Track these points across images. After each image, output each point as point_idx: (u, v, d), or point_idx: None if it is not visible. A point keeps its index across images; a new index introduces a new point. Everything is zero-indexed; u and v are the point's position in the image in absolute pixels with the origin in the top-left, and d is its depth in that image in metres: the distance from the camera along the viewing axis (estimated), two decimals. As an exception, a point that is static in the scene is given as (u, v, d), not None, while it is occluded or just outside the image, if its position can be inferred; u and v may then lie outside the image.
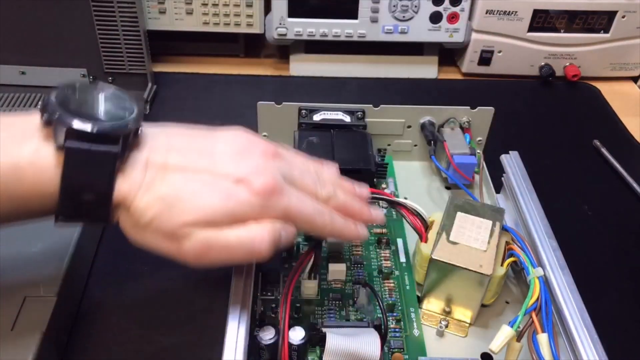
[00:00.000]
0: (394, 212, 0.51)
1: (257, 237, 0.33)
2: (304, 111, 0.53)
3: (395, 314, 0.42)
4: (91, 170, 0.32)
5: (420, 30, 0.71)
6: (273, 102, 0.53)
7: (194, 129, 0.37)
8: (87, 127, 0.31)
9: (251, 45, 0.77)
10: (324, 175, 0.39)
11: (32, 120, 0.32)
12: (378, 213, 0.41)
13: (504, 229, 0.43)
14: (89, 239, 0.46)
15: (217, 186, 0.33)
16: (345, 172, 0.48)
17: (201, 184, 0.33)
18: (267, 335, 0.36)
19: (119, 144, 0.32)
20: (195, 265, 0.34)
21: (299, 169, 0.37)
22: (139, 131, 0.34)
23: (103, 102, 0.34)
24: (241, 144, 0.36)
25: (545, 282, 0.39)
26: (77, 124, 0.31)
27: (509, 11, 0.70)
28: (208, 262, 0.34)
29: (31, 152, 0.31)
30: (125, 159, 0.33)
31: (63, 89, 0.33)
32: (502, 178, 0.50)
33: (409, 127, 0.55)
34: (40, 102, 0.32)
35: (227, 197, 0.33)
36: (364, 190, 0.41)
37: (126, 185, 0.32)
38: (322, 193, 0.37)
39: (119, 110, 0.34)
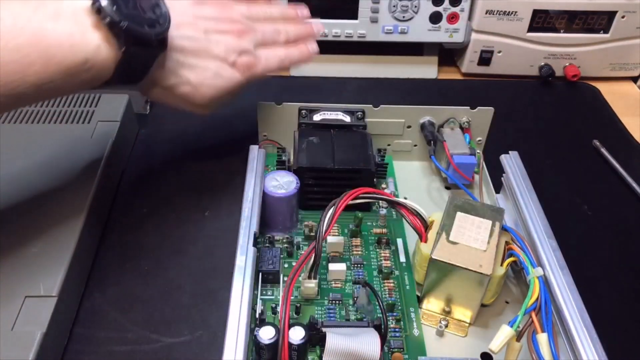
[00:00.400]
0: (394, 212, 0.51)
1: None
2: (304, 111, 0.53)
3: (395, 313, 0.42)
4: (140, 64, 0.39)
5: (420, 31, 0.71)
6: (273, 102, 0.53)
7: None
8: (148, 35, 0.37)
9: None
10: (276, 17, 0.50)
11: (80, 14, 0.35)
12: (317, 24, 0.54)
13: (504, 228, 0.43)
14: (90, 239, 0.46)
15: (221, 71, 0.44)
16: (345, 172, 0.48)
17: (212, 72, 0.44)
18: (267, 335, 0.36)
19: (163, 46, 0.40)
20: (210, 104, 0.46)
21: (262, 33, 0.47)
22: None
23: (151, 6, 0.39)
24: (227, 23, 0.46)
25: (545, 282, 0.39)
26: (139, 34, 0.37)
27: (509, 11, 0.70)
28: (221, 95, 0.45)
29: (96, 47, 0.36)
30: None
31: None
32: (502, 178, 0.50)
33: (409, 127, 0.55)
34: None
35: (229, 79, 0.45)
36: (301, 9, 0.53)
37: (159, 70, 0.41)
38: (280, 40, 0.49)
39: (157, 10, 0.39)
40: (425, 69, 0.75)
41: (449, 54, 0.78)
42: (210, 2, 0.46)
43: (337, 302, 0.43)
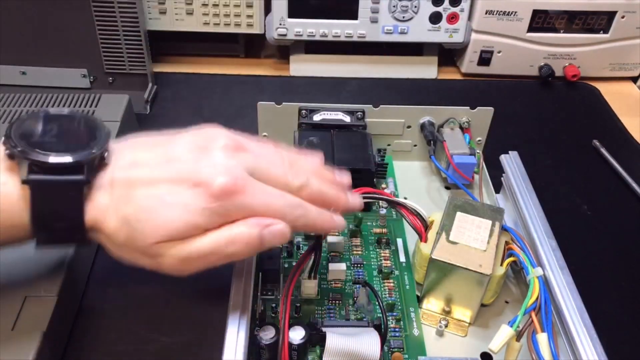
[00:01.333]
0: (393, 212, 0.51)
1: (229, 240, 0.32)
2: (304, 111, 0.53)
3: (395, 313, 0.42)
4: (59, 201, 0.32)
5: (420, 31, 0.71)
6: (273, 103, 0.53)
7: (160, 135, 0.36)
8: (49, 159, 0.31)
9: (251, 45, 0.78)
10: (299, 163, 0.37)
11: None
12: (355, 198, 0.39)
13: (504, 228, 0.43)
14: (89, 239, 0.46)
15: (176, 197, 0.32)
16: (345, 172, 0.48)
17: (159, 199, 0.32)
18: (267, 335, 0.36)
19: (84, 172, 0.32)
20: (181, 275, 0.34)
21: (266, 159, 0.35)
22: (105, 152, 0.34)
23: (68, 130, 0.34)
24: (201, 142, 0.34)
25: (544, 281, 0.39)
26: (39, 157, 0.31)
27: (509, 11, 0.70)
28: (192, 271, 0.34)
29: (3, 184, 0.31)
30: (92, 184, 0.33)
31: (26, 120, 0.33)
32: (502, 178, 0.50)
33: (409, 127, 0.55)
34: (4, 134, 0.32)
35: (185, 209, 0.32)
36: (344, 177, 0.39)
37: (94, 210, 0.32)
38: (293, 182, 0.35)
39: (85, 136, 0.33)
40: (425, 69, 0.75)
41: (449, 54, 0.78)
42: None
43: (337, 302, 0.43)
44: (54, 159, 0.31)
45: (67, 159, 0.32)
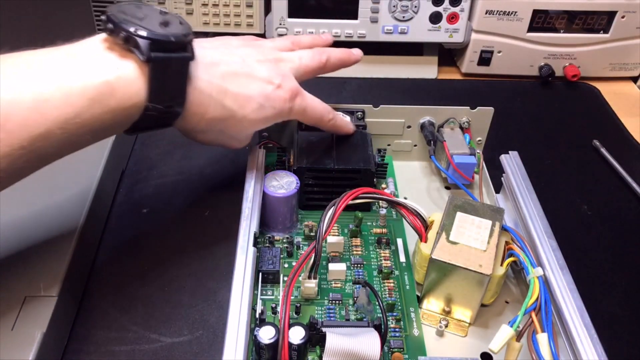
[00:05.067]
0: (394, 212, 0.51)
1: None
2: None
3: (395, 313, 0.42)
4: (171, 79, 0.36)
5: (420, 31, 0.71)
6: (273, 102, 0.53)
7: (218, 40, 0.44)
8: (165, 35, 0.35)
9: (251, 45, 0.77)
10: (302, 41, 0.49)
11: (92, 44, 0.35)
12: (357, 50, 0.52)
13: (504, 228, 0.43)
14: (89, 239, 0.46)
15: (269, 96, 0.42)
16: (345, 172, 0.48)
17: (258, 95, 0.42)
18: (267, 335, 0.36)
19: (189, 50, 0.37)
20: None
21: (299, 57, 0.47)
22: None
23: (158, 15, 0.37)
24: (261, 54, 0.44)
25: (544, 281, 0.39)
26: (157, 34, 0.34)
27: (509, 11, 0.70)
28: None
29: (116, 69, 0.34)
30: (194, 63, 0.38)
31: (119, 9, 0.35)
32: (502, 178, 0.50)
33: (409, 127, 0.55)
34: (105, 23, 0.35)
35: (274, 107, 0.43)
36: (325, 35, 0.53)
37: (196, 92, 0.38)
38: (322, 59, 0.48)
39: (173, 20, 0.37)
40: (425, 69, 0.75)
41: (449, 54, 0.78)
42: (238, 41, 0.45)
43: (337, 302, 0.43)
44: (170, 36, 0.35)
45: (178, 35, 0.35)
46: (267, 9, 0.70)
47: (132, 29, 0.34)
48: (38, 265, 0.40)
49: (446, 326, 0.42)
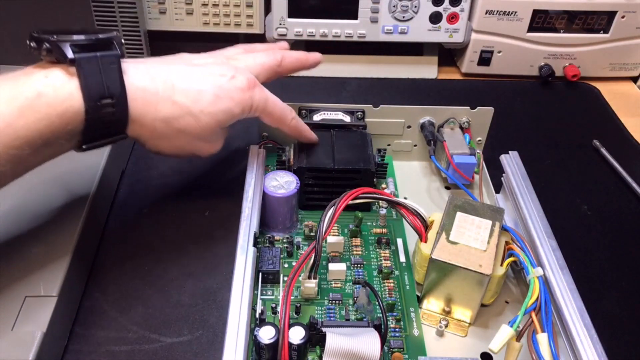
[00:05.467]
0: (394, 212, 0.51)
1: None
2: (304, 111, 0.53)
3: (395, 313, 0.42)
4: (103, 74, 0.35)
5: (420, 31, 0.71)
6: (273, 102, 0.53)
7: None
8: (88, 37, 0.35)
9: (251, 45, 0.77)
10: (256, 48, 0.50)
11: (23, 69, 0.36)
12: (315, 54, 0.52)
13: (504, 228, 0.43)
14: (89, 239, 0.46)
15: (225, 87, 0.41)
16: (345, 172, 0.48)
17: (216, 89, 0.41)
18: (267, 335, 0.36)
19: (116, 49, 0.36)
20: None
21: (253, 57, 0.47)
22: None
23: (78, 28, 0.37)
24: (212, 57, 0.46)
25: (544, 281, 0.39)
26: (78, 37, 0.35)
27: (509, 11, 0.70)
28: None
29: (44, 77, 0.34)
30: (127, 64, 0.37)
31: (40, 30, 0.36)
32: (502, 178, 0.50)
33: (409, 127, 0.55)
34: (28, 43, 0.36)
35: (232, 99, 0.41)
36: (282, 43, 0.53)
37: (141, 92, 0.38)
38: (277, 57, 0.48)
39: (97, 30, 0.37)
40: (425, 69, 0.75)
41: (449, 54, 0.78)
42: (189, 54, 0.46)
43: (337, 302, 0.43)
44: (90, 37, 0.35)
45: (99, 36, 0.36)
46: (267, 9, 0.70)
47: (53, 38, 0.34)
48: (38, 265, 0.40)
49: (446, 326, 0.42)
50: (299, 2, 0.69)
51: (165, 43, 0.73)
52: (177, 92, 0.39)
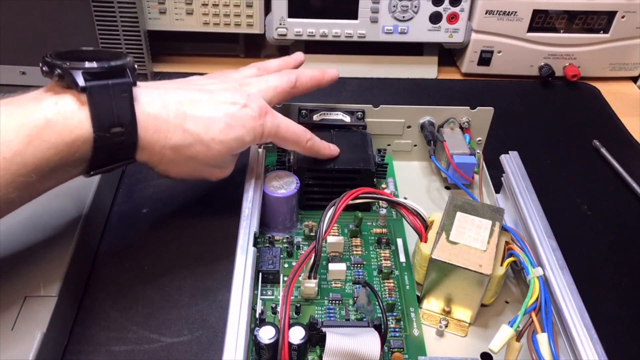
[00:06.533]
0: (394, 212, 0.51)
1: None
2: (304, 111, 0.53)
3: (395, 313, 0.42)
4: (114, 103, 0.35)
5: (420, 31, 0.71)
6: (273, 102, 0.53)
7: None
8: (100, 65, 0.35)
9: (251, 45, 0.78)
10: (270, 66, 0.49)
11: (33, 93, 0.35)
12: (332, 70, 0.50)
13: (504, 228, 0.43)
14: (89, 239, 0.46)
15: (237, 116, 0.41)
16: (345, 172, 0.48)
17: (226, 117, 0.40)
18: (267, 335, 0.36)
19: (128, 76, 0.36)
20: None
21: (265, 80, 0.46)
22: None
23: (92, 52, 0.38)
24: (224, 82, 0.44)
25: (544, 281, 0.39)
26: (90, 65, 0.34)
27: (509, 11, 0.70)
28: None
29: (54, 104, 0.34)
30: (138, 90, 0.37)
31: (53, 54, 0.35)
32: (502, 178, 0.50)
33: (409, 127, 0.55)
34: (41, 67, 0.35)
35: (244, 127, 0.41)
36: (297, 54, 0.51)
37: (152, 119, 0.37)
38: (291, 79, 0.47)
39: (110, 56, 0.37)
40: (425, 69, 0.75)
41: (449, 54, 0.78)
42: (200, 77, 0.45)
43: (337, 302, 0.43)
44: (103, 64, 0.35)
45: (111, 63, 0.35)
46: (267, 9, 0.70)
47: (65, 65, 0.34)
48: (38, 265, 0.40)
49: (446, 326, 0.42)
50: (299, 2, 0.69)
51: (165, 43, 0.73)
52: (189, 120, 0.39)
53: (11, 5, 0.61)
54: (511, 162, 0.50)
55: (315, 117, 0.53)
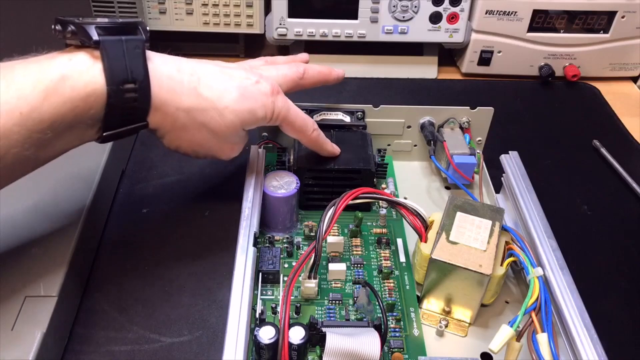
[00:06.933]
0: (394, 212, 0.51)
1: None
2: (304, 111, 0.53)
3: (395, 313, 0.42)
4: (127, 58, 0.35)
5: (420, 31, 0.71)
6: (273, 102, 0.53)
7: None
8: (112, 21, 0.35)
9: (251, 45, 0.77)
10: (278, 61, 0.49)
11: (46, 55, 0.36)
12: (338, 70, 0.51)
13: (504, 228, 0.43)
14: (89, 239, 0.46)
15: (250, 89, 0.41)
16: (345, 172, 0.48)
17: (241, 89, 0.41)
18: (267, 335, 0.36)
19: (141, 33, 0.36)
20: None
21: (275, 68, 0.47)
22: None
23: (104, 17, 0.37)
24: (236, 64, 0.45)
25: (544, 281, 0.39)
26: (103, 20, 0.35)
27: (509, 11, 0.70)
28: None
29: (68, 60, 0.34)
30: (150, 52, 0.37)
31: (66, 18, 0.36)
32: (502, 178, 0.50)
33: (409, 127, 0.55)
34: (53, 26, 0.36)
35: (258, 101, 0.42)
36: (302, 55, 0.51)
37: (165, 79, 0.37)
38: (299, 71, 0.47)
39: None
40: (425, 69, 0.75)
41: (449, 54, 0.78)
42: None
43: (337, 302, 0.43)
44: (115, 20, 0.35)
45: (124, 20, 0.36)
46: (267, 9, 0.70)
47: (78, 20, 0.35)
48: (38, 265, 0.40)
49: (446, 326, 0.42)
50: (299, 2, 0.69)
51: (165, 43, 0.73)
52: (203, 86, 0.40)
53: (11, 4, 0.61)
54: (511, 162, 0.50)
55: (316, 117, 0.53)
